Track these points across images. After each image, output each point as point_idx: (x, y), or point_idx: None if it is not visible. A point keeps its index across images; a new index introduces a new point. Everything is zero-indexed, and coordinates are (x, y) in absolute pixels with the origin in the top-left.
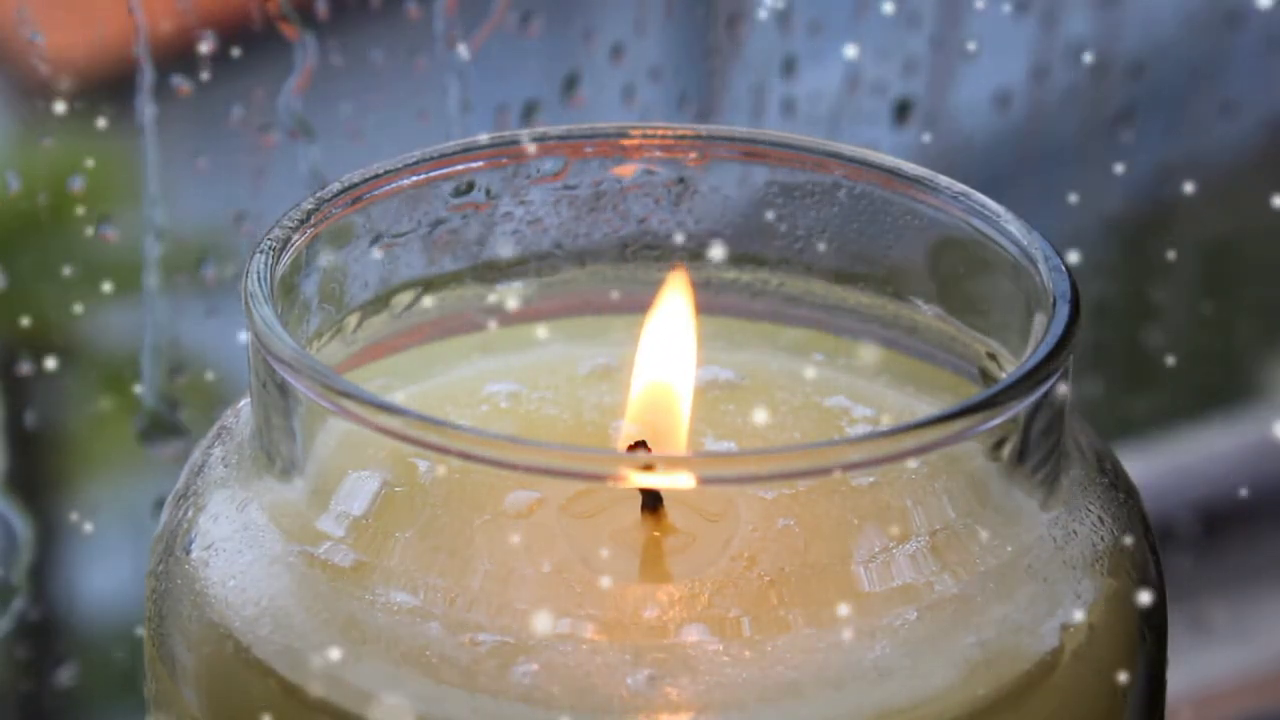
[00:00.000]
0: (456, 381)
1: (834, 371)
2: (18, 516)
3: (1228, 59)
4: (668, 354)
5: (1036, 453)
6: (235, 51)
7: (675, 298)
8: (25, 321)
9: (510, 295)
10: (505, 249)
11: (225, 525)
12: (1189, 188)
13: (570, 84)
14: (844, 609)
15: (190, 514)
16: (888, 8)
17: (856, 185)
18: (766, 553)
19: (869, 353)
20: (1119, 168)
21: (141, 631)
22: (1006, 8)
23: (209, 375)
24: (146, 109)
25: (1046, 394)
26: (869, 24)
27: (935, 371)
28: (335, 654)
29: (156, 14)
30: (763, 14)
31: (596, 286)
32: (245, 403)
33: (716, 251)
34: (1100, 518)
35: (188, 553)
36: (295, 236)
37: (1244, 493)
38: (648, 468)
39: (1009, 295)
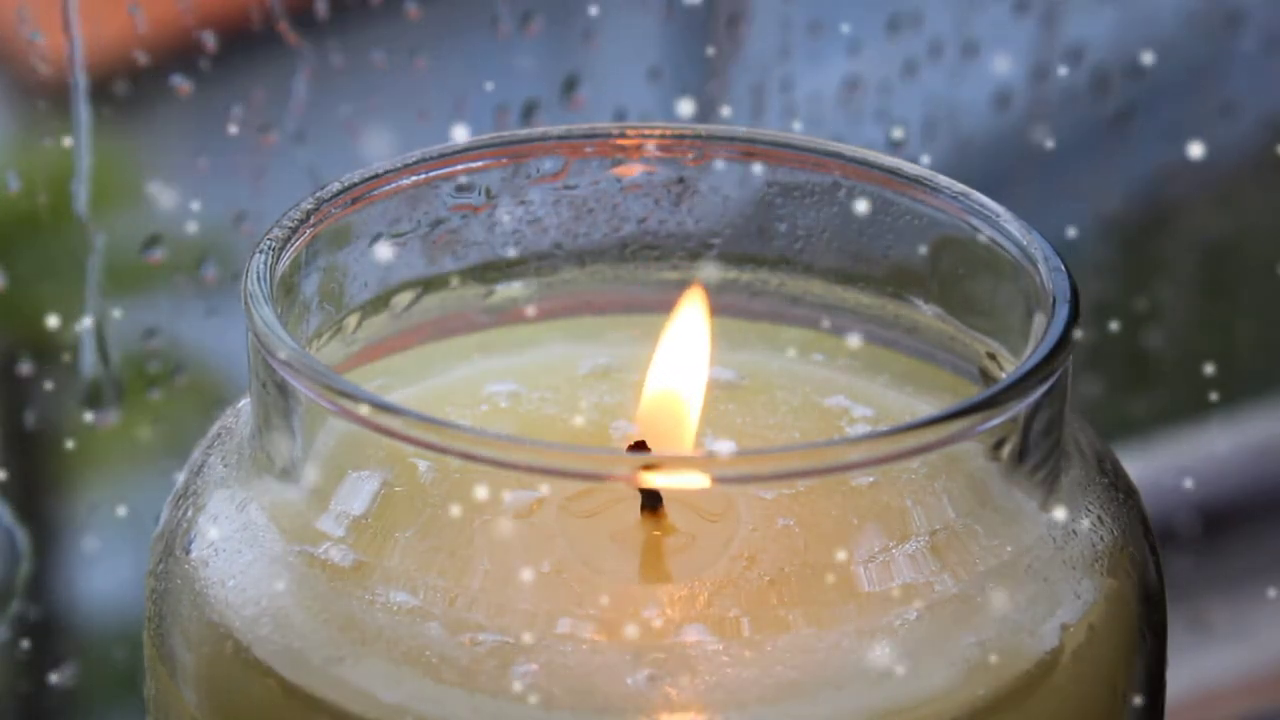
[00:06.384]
0: (456, 381)
1: (834, 371)
2: (17, 516)
3: (1228, 59)
4: (681, 363)
5: (1036, 453)
6: (235, 51)
7: (693, 313)
8: (25, 321)
9: (510, 295)
10: (505, 249)
11: (225, 525)
12: (1189, 188)
13: (570, 84)
14: (844, 609)
15: (190, 514)
16: (888, 7)
17: (856, 185)
18: (766, 553)
19: (869, 353)
20: (1119, 168)
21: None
22: (1006, 8)
23: (209, 375)
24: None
25: (1046, 394)
26: (869, 24)
27: (935, 371)
28: (335, 654)
29: (156, 14)
30: (762, 14)
31: (596, 286)
32: (245, 403)
33: (711, 265)
34: (1100, 518)
35: (188, 553)
36: (295, 236)
37: (1244, 493)
38: (648, 467)
39: (1009, 295)
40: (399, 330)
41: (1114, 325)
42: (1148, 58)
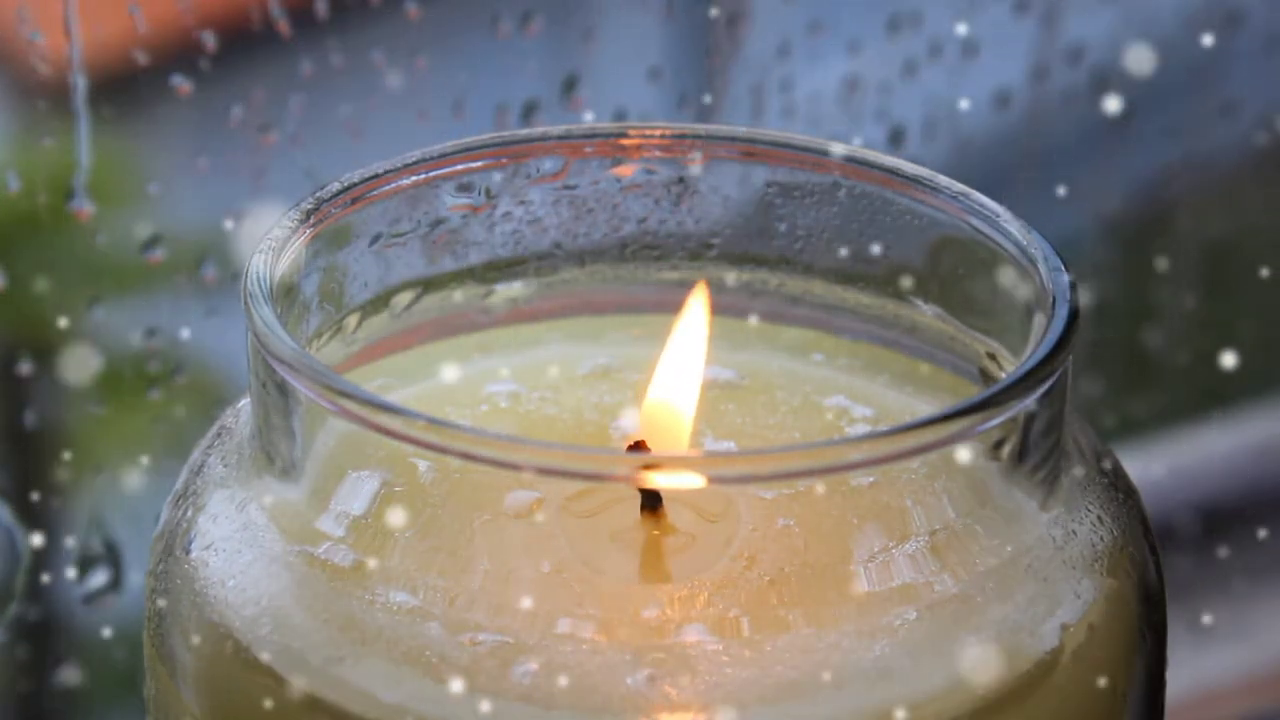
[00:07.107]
0: (456, 381)
1: (834, 371)
2: (17, 516)
3: (1228, 59)
4: (678, 364)
5: (1036, 453)
6: (235, 51)
7: (698, 312)
8: (25, 321)
9: (510, 295)
10: (505, 249)
11: (225, 525)
12: (1189, 188)
13: (570, 84)
14: (844, 609)
15: (190, 514)
16: (888, 7)
17: (856, 185)
18: (766, 553)
19: (869, 352)
20: (1119, 168)
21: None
22: (1006, 8)
23: (209, 375)
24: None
25: (1046, 394)
26: (869, 24)
27: (935, 371)
28: (335, 654)
29: (156, 14)
30: (762, 14)
31: (596, 286)
32: (245, 403)
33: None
34: (1100, 518)
35: (188, 553)
36: (295, 236)
37: (1244, 493)
38: (648, 467)
39: (1009, 295)
40: (399, 330)
41: (1114, 325)
42: (1148, 58)
